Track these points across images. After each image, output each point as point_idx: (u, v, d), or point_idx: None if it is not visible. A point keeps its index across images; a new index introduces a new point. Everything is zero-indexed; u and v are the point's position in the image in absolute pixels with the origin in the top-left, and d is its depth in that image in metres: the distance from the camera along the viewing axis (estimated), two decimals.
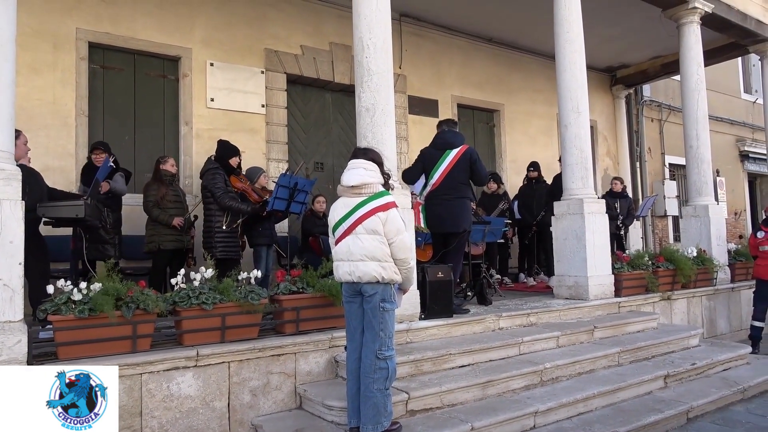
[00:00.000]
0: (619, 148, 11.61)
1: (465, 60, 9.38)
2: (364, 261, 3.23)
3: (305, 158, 7.77)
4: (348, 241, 3.29)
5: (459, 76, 9.31)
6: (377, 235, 3.22)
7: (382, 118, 4.73)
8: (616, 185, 8.67)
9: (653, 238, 11.85)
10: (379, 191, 3.29)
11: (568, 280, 6.19)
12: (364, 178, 3.28)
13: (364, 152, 3.43)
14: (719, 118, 12.98)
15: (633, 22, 8.88)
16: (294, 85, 7.73)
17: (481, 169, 5.31)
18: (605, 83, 11.53)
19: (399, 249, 3.24)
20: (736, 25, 8.63)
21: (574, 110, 6.31)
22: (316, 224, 6.52)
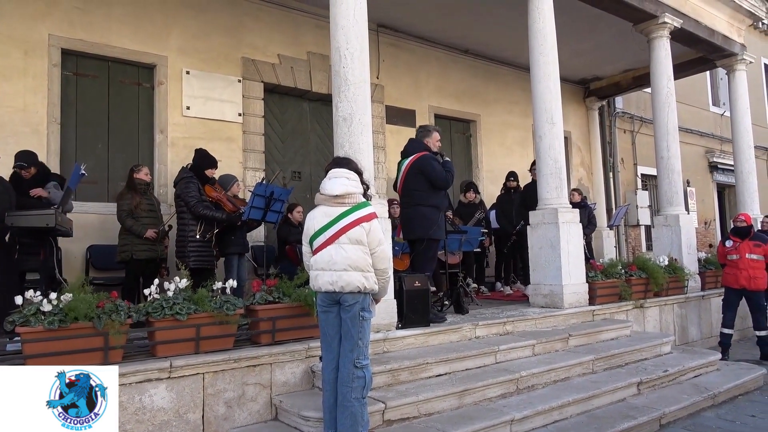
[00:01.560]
0: (593, 158, 11.81)
1: (442, 71, 9.48)
2: (347, 271, 3.23)
3: (282, 167, 7.74)
4: (330, 251, 3.28)
5: (436, 86, 9.40)
6: (361, 245, 3.23)
7: (360, 127, 4.75)
8: (573, 196, 8.79)
9: (626, 247, 12.06)
10: (361, 201, 3.31)
11: (544, 288, 6.26)
12: (348, 187, 3.28)
13: (346, 162, 3.44)
14: (689, 130, 13.30)
15: (605, 36, 9.08)
16: (271, 94, 7.71)
17: (434, 173, 5.32)
18: (579, 95, 11.75)
19: (380, 259, 3.26)
20: (704, 40, 8.89)
21: (549, 121, 6.41)
22: (291, 232, 6.49)
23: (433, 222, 5.36)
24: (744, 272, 6.95)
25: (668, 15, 8.03)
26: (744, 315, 7.84)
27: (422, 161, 5.38)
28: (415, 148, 5.53)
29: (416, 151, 5.47)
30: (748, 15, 9.54)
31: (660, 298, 7.28)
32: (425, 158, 5.40)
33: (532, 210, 6.53)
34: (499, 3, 7.81)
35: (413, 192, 5.40)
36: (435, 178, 5.34)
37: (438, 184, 5.38)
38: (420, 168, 5.37)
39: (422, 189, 5.37)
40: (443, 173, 5.36)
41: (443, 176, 5.36)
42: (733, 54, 9.42)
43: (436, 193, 5.44)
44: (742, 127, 9.58)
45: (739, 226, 7.20)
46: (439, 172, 5.34)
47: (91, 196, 6.21)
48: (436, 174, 5.33)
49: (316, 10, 7.65)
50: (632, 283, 6.87)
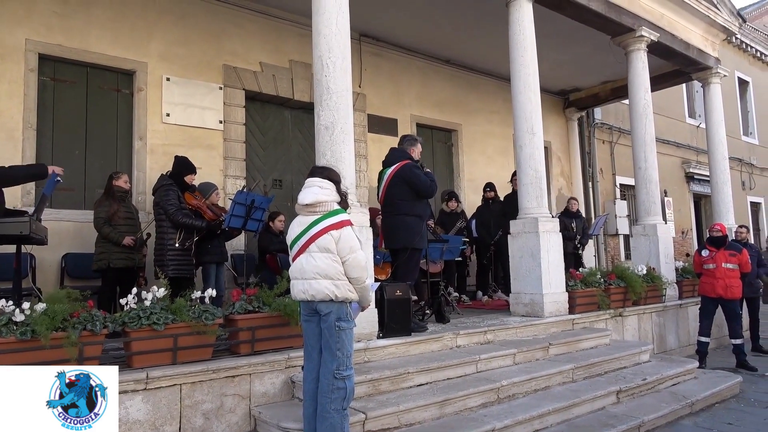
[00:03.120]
0: (573, 168, 11.95)
1: (424, 80, 9.53)
2: (316, 279, 3.21)
3: (263, 175, 7.69)
4: (302, 260, 3.27)
5: (418, 95, 9.44)
6: (329, 253, 3.21)
7: (341, 136, 4.75)
8: (573, 205, 8.88)
9: (605, 256, 12.19)
10: (333, 209, 3.29)
11: (524, 297, 6.29)
12: (318, 196, 3.27)
13: (321, 170, 3.43)
14: (666, 141, 13.53)
15: (584, 48, 9.22)
16: (253, 102, 7.68)
17: (419, 181, 5.32)
18: (559, 106, 11.89)
19: (352, 267, 3.23)
20: (680, 54, 9.07)
21: (529, 131, 6.47)
22: (272, 241, 6.44)
23: (417, 231, 5.36)
24: (720, 281, 7.06)
25: (645, 29, 8.19)
26: (720, 323, 7.97)
27: (406, 170, 5.38)
28: (398, 157, 5.53)
29: (399, 160, 5.47)
30: (722, 30, 9.77)
31: (638, 306, 7.36)
32: (409, 167, 5.40)
33: (513, 219, 6.57)
34: (481, 14, 7.89)
35: (396, 201, 5.39)
36: (420, 186, 5.34)
37: (423, 192, 5.39)
38: (404, 177, 5.37)
39: (406, 198, 5.37)
40: (428, 181, 5.37)
41: (428, 185, 5.36)
42: (708, 67, 9.62)
43: (419, 202, 5.45)
44: (717, 138, 9.77)
45: (715, 235, 7.33)
46: (423, 180, 5.35)
47: (67, 204, 6.10)
48: (420, 182, 5.33)
49: (299, 18, 7.65)
50: (611, 292, 6.94)
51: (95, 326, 3.47)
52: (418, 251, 5.47)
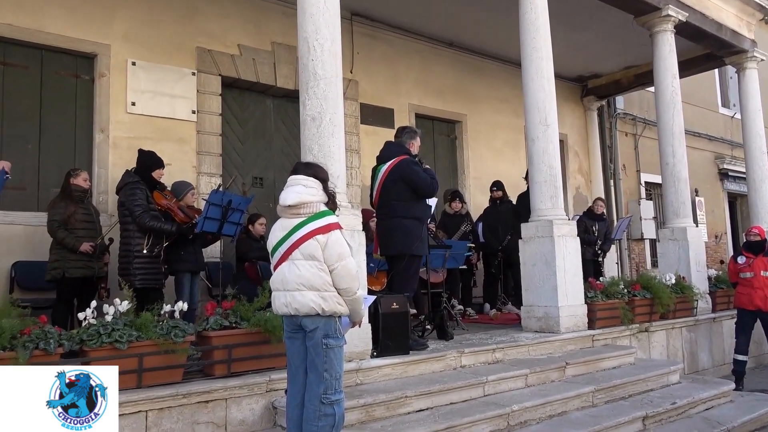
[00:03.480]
0: (592, 164, 11.98)
1: (424, 65, 9.53)
2: (300, 290, 3.19)
3: (242, 172, 7.67)
4: (284, 268, 3.25)
5: (417, 82, 9.45)
6: (315, 260, 3.19)
7: (330, 128, 4.74)
8: (599, 206, 8.85)
9: (629, 263, 12.21)
10: (319, 211, 3.27)
11: (538, 310, 6.29)
12: (302, 196, 3.26)
13: (306, 167, 3.42)
14: (697, 134, 13.58)
15: (604, 29, 9.23)
16: (230, 89, 7.66)
17: (418, 179, 5.31)
18: (576, 94, 11.92)
19: (341, 277, 3.21)
20: (711, 35, 9.10)
21: (542, 122, 6.48)
22: (252, 247, 6.42)
23: (416, 236, 5.34)
24: (759, 291, 7.06)
25: (672, 7, 8.21)
26: (759, 339, 7.98)
27: (403, 166, 5.37)
28: (394, 151, 5.52)
29: (395, 156, 5.46)
30: (758, 8, 9.81)
31: (666, 321, 7.37)
32: (406, 163, 5.39)
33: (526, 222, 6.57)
34: None
35: (393, 202, 5.37)
36: (419, 184, 5.32)
37: (423, 191, 5.37)
38: (401, 174, 5.35)
39: (403, 198, 5.35)
40: (428, 179, 5.35)
41: (428, 183, 5.34)
42: (743, 50, 9.66)
43: (418, 202, 5.43)
44: (754, 130, 9.81)
45: (752, 240, 7.34)
46: (423, 178, 5.33)
47: (17, 205, 6.05)
48: (420, 180, 5.32)
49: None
50: (636, 304, 6.95)
51: (49, 345, 3.44)
52: (417, 258, 5.45)
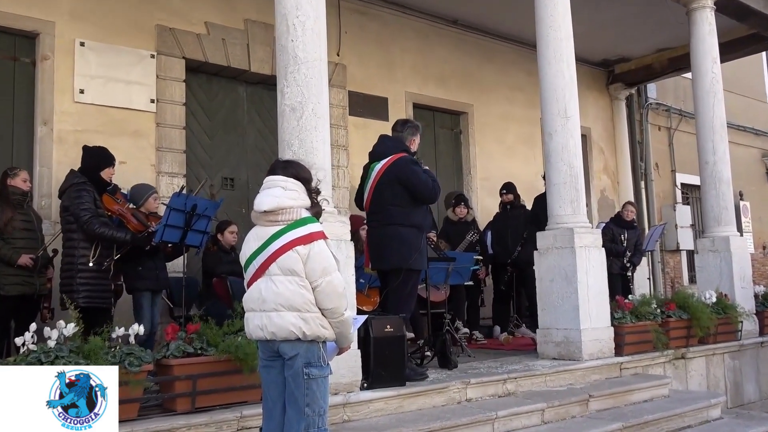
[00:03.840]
0: (619, 163, 12.02)
1: (423, 47, 9.56)
2: (278, 311, 3.18)
3: (209, 172, 7.66)
4: (259, 285, 3.24)
5: (415, 67, 9.47)
6: (295, 276, 3.19)
7: (313, 120, 4.74)
8: (629, 212, 8.86)
9: (663, 278, 12.25)
10: (301, 218, 3.27)
11: (556, 334, 6.30)
12: (281, 200, 3.26)
13: (285, 166, 3.42)
14: (741, 127, 13.66)
15: (633, 4, 9.29)
16: (196, 75, 7.66)
17: (418, 181, 5.31)
18: (600, 81, 11.99)
19: (326, 295, 3.21)
20: (758, 13, 9.16)
21: (561, 114, 6.51)
22: (221, 260, 6.41)
23: (414, 247, 5.35)
24: None
25: None
26: None
27: (401, 165, 5.37)
28: (390, 147, 5.52)
29: (392, 153, 5.46)
30: None
31: (706, 345, 7.39)
32: (404, 161, 5.39)
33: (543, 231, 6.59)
34: None
35: (387, 207, 5.37)
36: (419, 187, 5.32)
37: (422, 195, 5.38)
38: (398, 174, 5.35)
39: (400, 203, 5.35)
40: (429, 181, 5.36)
41: (429, 185, 5.35)
42: None
43: (417, 208, 5.44)
44: None
45: None
46: (423, 179, 5.34)
47: None
48: (420, 182, 5.32)
49: None
50: (671, 326, 6.97)
51: None
52: (415, 273, 5.45)
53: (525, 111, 10.56)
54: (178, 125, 7.34)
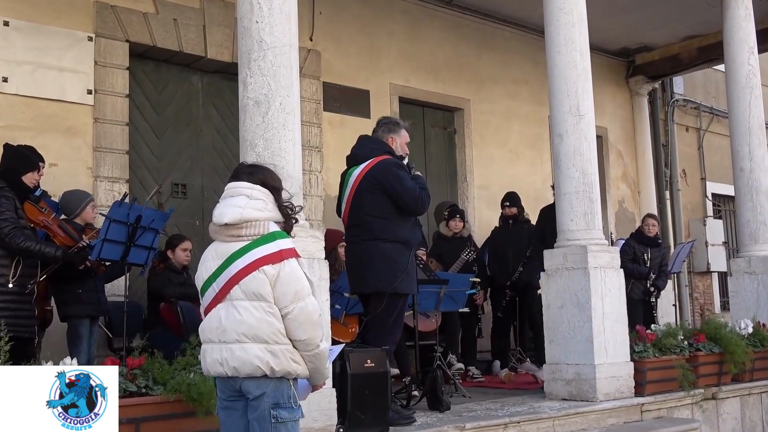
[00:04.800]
0: (641, 169, 12.09)
1: (411, 31, 9.60)
2: (241, 343, 3.18)
3: (157, 176, 7.63)
4: (220, 312, 3.24)
5: (402, 55, 9.50)
6: (262, 301, 3.19)
7: (281, 116, 4.76)
8: (651, 227, 8.88)
9: (690, 304, 12.32)
10: (269, 232, 3.28)
11: (566, 370, 6.33)
12: (245, 212, 3.25)
13: (251, 171, 3.41)
14: None
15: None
16: (142, 61, 7.65)
17: (403, 188, 5.31)
18: (619, 73, 12.08)
19: (299, 324, 3.21)
20: None
21: (573, 112, 6.55)
22: (171, 281, 6.39)
23: (400, 266, 5.34)
24: None
25: None
26: None
27: (382, 169, 5.37)
28: (371, 150, 5.53)
29: (372, 156, 5.48)
30: None
31: (742, 384, 7.44)
32: (387, 165, 5.40)
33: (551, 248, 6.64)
34: None
35: (368, 219, 5.36)
36: (403, 195, 5.32)
37: (407, 205, 5.37)
38: (379, 180, 5.35)
39: (382, 214, 5.35)
40: (416, 189, 5.37)
41: (415, 193, 5.35)
42: None
43: (403, 220, 5.44)
44: None
45: None
46: (409, 186, 5.33)
47: None
48: (404, 189, 5.32)
49: None
50: (700, 361, 7.00)
51: None
52: (401, 298, 5.44)
53: (531, 108, 10.63)
54: (120, 121, 7.31)
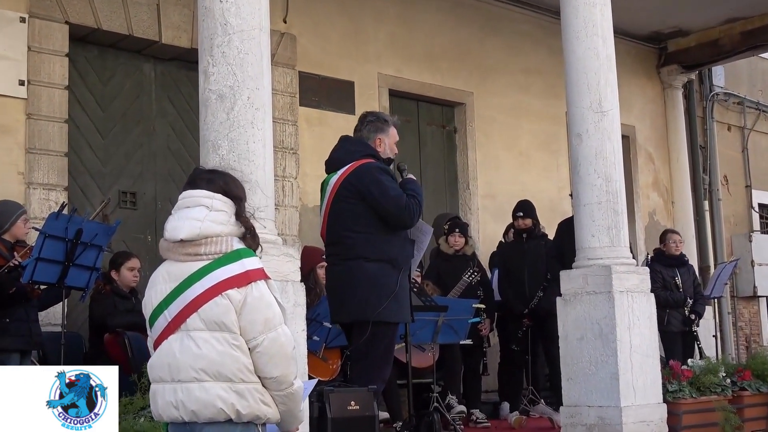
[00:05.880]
0: (675, 175, 12.09)
1: (404, 13, 9.63)
2: (201, 381, 3.16)
3: (102, 184, 7.61)
4: (173, 345, 3.22)
5: (393, 40, 9.53)
6: (226, 332, 3.17)
7: (249, 112, 4.76)
8: (674, 243, 8.93)
9: (734, 335, 12.32)
10: (233, 250, 3.27)
11: (587, 413, 6.32)
12: (204, 225, 3.24)
13: (210, 178, 3.39)
14: None
15: None
16: (84, 47, 7.66)
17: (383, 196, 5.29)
18: (649, 62, 12.13)
19: (270, 358, 3.19)
20: None
21: (595, 108, 6.57)
22: (117, 308, 6.37)
23: (387, 290, 5.32)
24: None
25: None
26: None
27: (361, 174, 5.36)
28: (349, 152, 5.52)
29: (352, 159, 5.47)
30: None
31: None
32: (367, 169, 5.37)
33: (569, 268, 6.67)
34: None
35: (348, 234, 5.35)
36: (385, 204, 5.29)
37: (391, 215, 5.34)
38: (358, 188, 5.36)
39: (364, 228, 5.34)
40: (402, 196, 5.36)
41: (401, 201, 5.35)
42: None
43: (391, 235, 5.44)
44: None
45: None
46: (392, 194, 5.32)
47: None
48: (386, 197, 5.29)
49: None
50: (745, 403, 7.03)
51: None
52: (390, 328, 5.43)
53: (545, 102, 10.65)
54: (57, 117, 7.30)
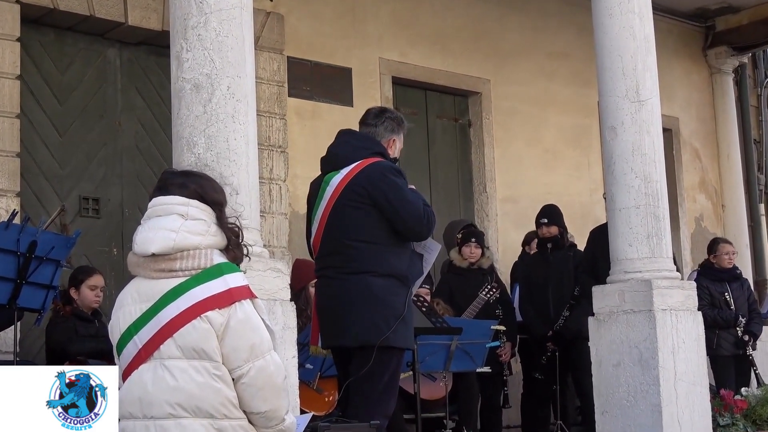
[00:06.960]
0: (725, 174, 12.09)
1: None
2: (177, 418, 3.18)
3: (61, 188, 7.63)
4: (144, 376, 3.25)
5: (396, 20, 9.57)
6: (206, 360, 3.19)
7: (230, 104, 4.80)
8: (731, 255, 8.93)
9: None
10: (214, 265, 3.28)
11: None
12: (180, 237, 3.24)
13: (183, 182, 3.40)
14: None
15: None
16: (39, 30, 7.70)
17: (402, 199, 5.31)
18: (694, 44, 12.14)
19: (257, 390, 3.22)
20: None
21: (631, 97, 6.59)
22: (78, 333, 6.40)
23: (394, 311, 5.33)
24: None
25: None
26: None
27: (375, 176, 5.33)
28: (356, 149, 5.52)
29: (359, 157, 5.47)
30: None
31: None
32: (380, 170, 5.36)
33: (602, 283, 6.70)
34: None
35: (351, 244, 5.35)
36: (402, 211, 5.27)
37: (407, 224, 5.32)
38: (369, 192, 5.35)
39: (371, 238, 5.33)
40: (419, 204, 5.37)
41: (419, 210, 5.35)
42: None
43: (400, 247, 5.45)
44: None
45: None
46: (411, 199, 5.33)
47: None
48: (404, 201, 5.30)
49: None
50: None
51: None
52: (395, 354, 5.46)
53: (573, 91, 10.69)
54: (7, 112, 7.33)
